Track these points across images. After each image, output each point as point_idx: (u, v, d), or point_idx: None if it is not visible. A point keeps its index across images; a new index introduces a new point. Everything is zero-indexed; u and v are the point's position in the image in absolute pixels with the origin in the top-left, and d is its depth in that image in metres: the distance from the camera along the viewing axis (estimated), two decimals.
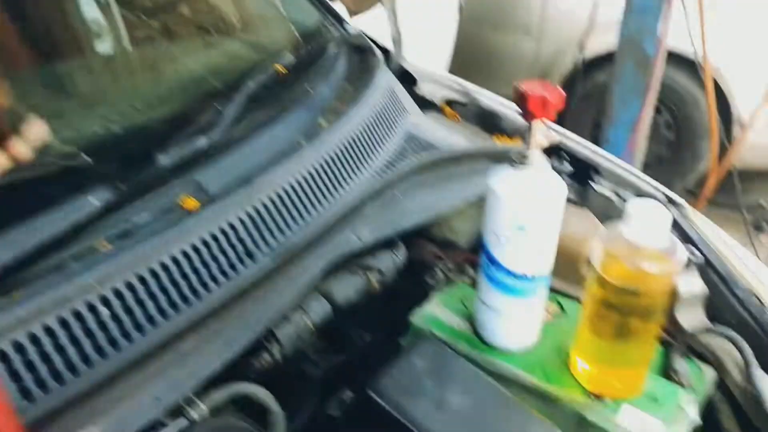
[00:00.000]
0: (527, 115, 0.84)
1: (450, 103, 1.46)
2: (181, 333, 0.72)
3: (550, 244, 0.89)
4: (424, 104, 1.44)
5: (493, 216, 0.88)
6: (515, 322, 0.94)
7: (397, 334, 0.99)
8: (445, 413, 0.78)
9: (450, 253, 1.16)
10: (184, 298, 0.76)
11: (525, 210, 0.85)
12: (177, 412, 0.68)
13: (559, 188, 0.86)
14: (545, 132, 0.85)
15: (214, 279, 0.80)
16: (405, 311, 1.00)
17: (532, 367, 0.93)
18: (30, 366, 0.65)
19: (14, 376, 0.64)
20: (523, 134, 0.85)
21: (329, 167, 1.02)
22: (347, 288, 0.96)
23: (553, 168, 0.89)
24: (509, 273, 0.90)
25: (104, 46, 1.24)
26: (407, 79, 1.45)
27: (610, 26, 2.60)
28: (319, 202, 0.98)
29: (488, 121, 1.41)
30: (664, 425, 0.84)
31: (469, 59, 3.14)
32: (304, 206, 0.95)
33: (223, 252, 0.83)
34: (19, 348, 0.64)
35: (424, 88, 1.47)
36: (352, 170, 1.05)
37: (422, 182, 1.10)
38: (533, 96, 0.83)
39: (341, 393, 0.90)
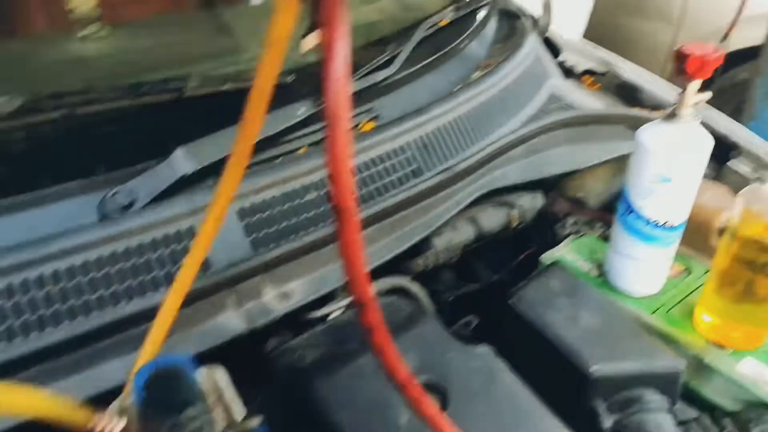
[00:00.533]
0: (684, 74, 0.91)
1: (590, 73, 1.53)
2: (365, 221, 0.86)
3: (690, 197, 0.96)
4: (566, 73, 1.51)
5: (639, 167, 0.96)
6: (646, 269, 1.02)
7: (523, 276, 1.10)
8: (577, 328, 0.88)
9: (581, 210, 1.24)
10: (369, 195, 0.90)
11: (671, 162, 0.92)
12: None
13: (706, 143, 0.92)
14: (698, 94, 0.92)
15: (387, 187, 0.94)
16: (533, 257, 1.10)
17: (657, 311, 1.01)
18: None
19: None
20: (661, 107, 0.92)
21: (483, 111, 1.13)
22: (491, 218, 1.07)
23: None
24: (648, 222, 0.97)
25: None
26: (551, 48, 1.53)
27: (757, 20, 2.51)
28: (472, 141, 1.09)
29: (628, 93, 1.46)
30: None
31: (599, 44, 3.11)
32: (461, 142, 1.07)
33: (394, 168, 0.96)
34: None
35: (566, 57, 1.54)
36: (502, 118, 1.16)
37: (564, 137, 1.19)
38: (693, 56, 0.89)
39: (467, 319, 1.02)
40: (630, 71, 1.51)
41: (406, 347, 0.79)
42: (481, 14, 1.40)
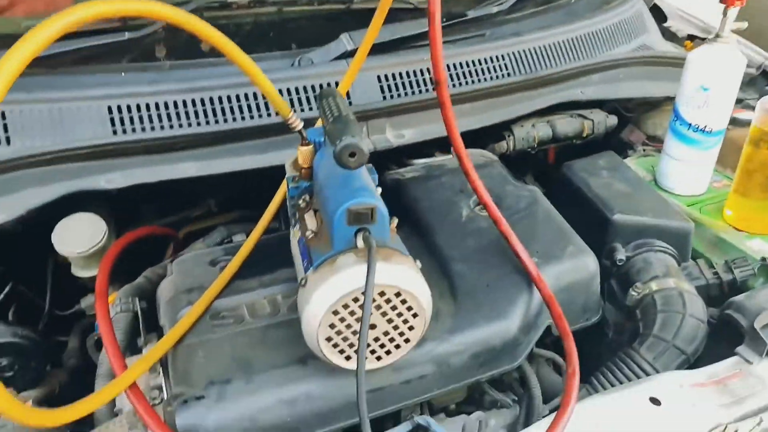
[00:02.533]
0: (725, 1, 1.16)
1: (692, 38, 1.74)
2: (461, 98, 1.22)
3: (726, 106, 1.19)
4: (670, 37, 1.74)
5: (686, 79, 1.21)
6: (688, 170, 1.26)
7: None
8: (610, 190, 1.16)
9: (652, 142, 1.49)
10: (469, 82, 1.27)
11: (710, 74, 1.17)
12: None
13: (740, 61, 1.16)
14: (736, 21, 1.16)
15: (483, 80, 1.29)
16: None
17: (692, 205, 1.25)
18: None
19: None
20: None
21: (572, 43, 1.43)
22: (566, 125, 1.37)
23: None
24: (690, 126, 1.22)
25: None
26: (659, 14, 1.77)
27: None
28: (558, 63, 1.39)
29: None
30: None
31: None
32: (549, 61, 1.38)
33: (493, 68, 1.31)
34: None
35: (672, 24, 1.77)
36: (588, 50, 1.44)
37: (641, 73, 1.45)
38: None
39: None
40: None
41: (481, 175, 1.14)
42: None
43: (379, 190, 0.88)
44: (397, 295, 0.75)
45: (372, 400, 0.85)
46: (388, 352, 0.80)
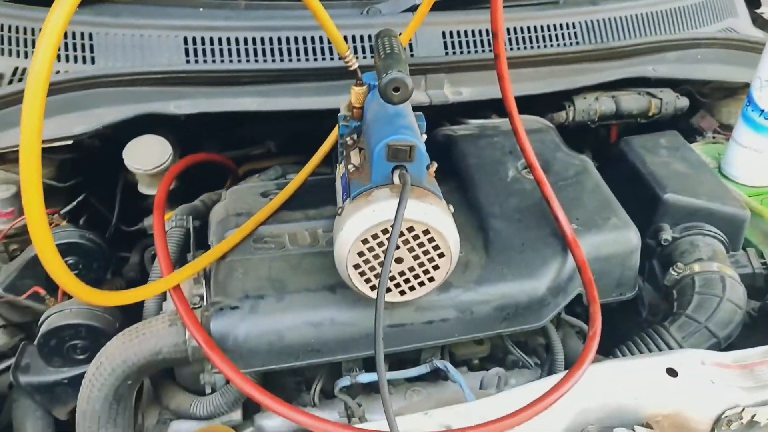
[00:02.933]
0: None
1: None
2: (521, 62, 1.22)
3: None
4: (763, 25, 1.65)
5: (762, 63, 1.16)
6: (757, 158, 1.21)
7: None
8: (666, 169, 1.13)
9: (723, 130, 1.43)
10: (534, 47, 1.26)
11: None
12: None
13: None
14: None
15: (550, 45, 1.28)
16: None
17: (754, 196, 1.20)
18: None
19: None
20: None
21: (654, 15, 1.38)
22: (631, 101, 1.34)
23: None
24: (763, 113, 1.17)
25: None
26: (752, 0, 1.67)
27: None
28: (634, 34, 1.35)
29: None
30: None
31: None
32: (625, 31, 1.34)
33: (561, 36, 1.29)
34: None
35: (766, 11, 1.67)
36: (668, 26, 1.39)
37: (721, 56, 1.39)
38: None
39: None
40: None
41: (532, 140, 1.14)
42: None
43: (424, 137, 0.90)
44: (426, 232, 0.78)
45: (393, 335, 0.88)
46: (411, 288, 0.83)
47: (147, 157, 1.13)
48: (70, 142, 1.08)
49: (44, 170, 1.20)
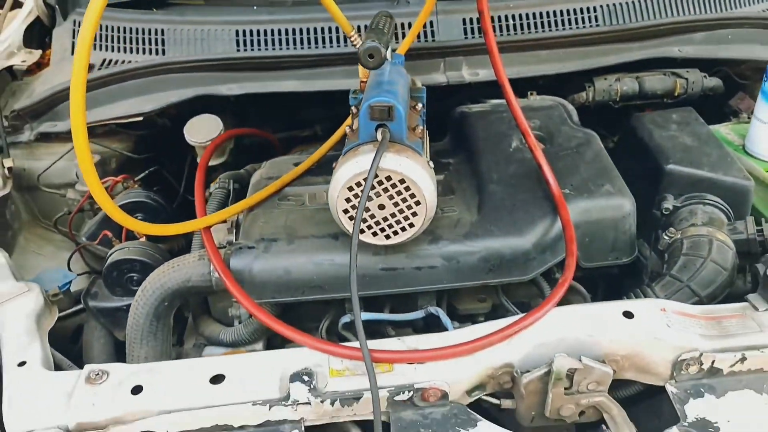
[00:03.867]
0: None
1: None
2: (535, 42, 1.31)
3: None
4: None
5: None
6: None
7: None
8: (673, 141, 1.17)
9: None
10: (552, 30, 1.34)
11: None
12: None
13: None
14: None
15: (571, 28, 1.35)
16: None
17: None
18: None
19: None
20: None
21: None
22: (655, 82, 1.37)
23: None
24: None
25: None
26: None
27: None
28: (659, 14, 1.38)
29: None
30: None
31: None
32: (649, 11, 1.38)
33: (582, 20, 1.36)
34: None
35: None
36: (698, 5, 1.40)
37: (753, 36, 1.38)
38: None
39: None
40: None
41: (536, 115, 1.22)
42: None
43: (421, 106, 1.02)
44: (401, 182, 0.90)
45: (386, 278, 1.01)
46: (395, 233, 0.95)
47: (202, 131, 1.34)
48: (140, 118, 1.31)
49: (123, 144, 1.46)
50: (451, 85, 1.30)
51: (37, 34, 1.58)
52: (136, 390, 0.82)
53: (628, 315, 0.87)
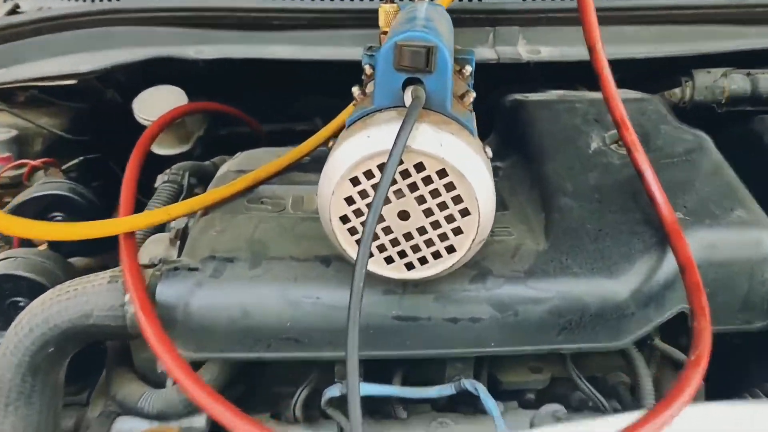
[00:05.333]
0: None
1: None
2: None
3: None
4: None
5: None
6: None
7: None
8: None
9: None
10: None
11: None
12: None
13: None
14: None
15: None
16: None
17: None
18: None
19: None
20: None
21: None
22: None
23: None
24: None
25: None
26: None
27: None
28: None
29: None
30: None
31: None
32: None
33: None
34: None
35: None
36: None
37: None
38: None
39: None
40: None
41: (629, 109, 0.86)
42: None
43: (470, 69, 0.67)
44: (442, 174, 0.54)
45: (402, 332, 0.64)
46: (422, 260, 0.58)
47: (158, 107, 0.98)
48: (74, 81, 0.95)
49: (55, 120, 1.10)
50: (503, 64, 0.94)
51: None
52: None
53: None
